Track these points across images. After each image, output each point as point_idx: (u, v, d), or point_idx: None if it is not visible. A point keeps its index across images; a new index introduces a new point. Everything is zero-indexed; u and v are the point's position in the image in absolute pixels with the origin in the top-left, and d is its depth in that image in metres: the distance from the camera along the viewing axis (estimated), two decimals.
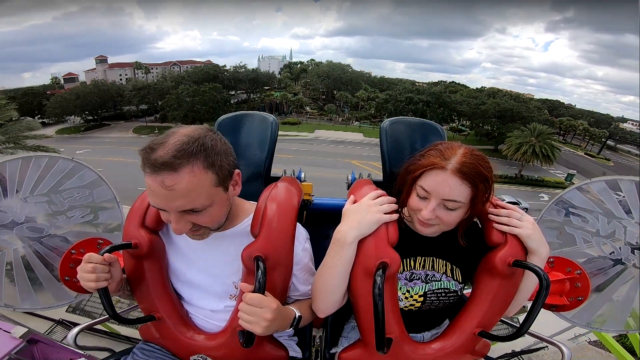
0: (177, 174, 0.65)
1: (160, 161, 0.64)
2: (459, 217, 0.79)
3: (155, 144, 0.67)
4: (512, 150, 26.38)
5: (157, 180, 0.65)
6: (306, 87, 49.85)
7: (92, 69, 48.90)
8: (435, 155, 0.77)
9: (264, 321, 0.70)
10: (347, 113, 44.61)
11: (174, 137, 0.68)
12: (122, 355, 0.98)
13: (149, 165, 0.65)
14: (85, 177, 1.30)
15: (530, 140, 25.64)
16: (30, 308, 1.28)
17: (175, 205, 0.68)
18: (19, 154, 1.23)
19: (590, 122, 45.78)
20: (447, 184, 0.74)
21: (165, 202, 0.68)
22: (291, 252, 0.85)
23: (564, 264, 1.15)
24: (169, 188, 0.65)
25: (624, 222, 1.19)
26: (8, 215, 1.19)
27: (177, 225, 0.72)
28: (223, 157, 0.73)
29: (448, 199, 0.75)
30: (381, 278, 0.71)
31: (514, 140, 26.57)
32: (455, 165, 0.73)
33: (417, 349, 0.86)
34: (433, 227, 0.81)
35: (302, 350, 1.11)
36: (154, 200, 0.70)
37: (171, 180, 0.65)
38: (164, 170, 0.65)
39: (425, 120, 1.21)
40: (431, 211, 0.76)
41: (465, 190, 0.74)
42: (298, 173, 1.31)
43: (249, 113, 1.27)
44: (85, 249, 1.22)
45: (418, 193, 0.79)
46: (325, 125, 41.35)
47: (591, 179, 1.26)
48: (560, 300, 1.12)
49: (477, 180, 0.73)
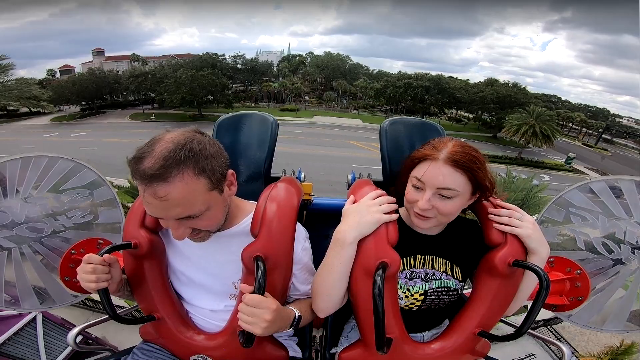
0: (167, 184, 0.63)
1: (149, 173, 0.62)
2: (456, 206, 0.79)
3: (142, 153, 0.65)
4: (512, 131, 26.30)
5: (150, 191, 0.64)
6: (305, 77, 49.75)
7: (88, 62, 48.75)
8: (428, 148, 0.82)
9: (264, 322, 0.70)
10: (346, 102, 44.65)
11: (160, 144, 0.65)
12: (122, 355, 0.98)
13: (139, 177, 0.64)
14: (85, 177, 1.30)
15: (530, 122, 25.58)
16: (30, 308, 1.28)
17: (172, 214, 0.68)
18: (19, 154, 1.22)
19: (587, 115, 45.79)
20: (440, 172, 0.77)
21: (161, 211, 0.67)
22: (291, 252, 0.85)
23: (564, 264, 1.15)
24: (163, 199, 0.64)
25: (624, 222, 1.19)
26: (8, 215, 1.19)
27: (177, 232, 0.72)
28: (214, 160, 0.71)
29: (442, 187, 0.77)
30: (381, 278, 0.71)
31: (514, 122, 26.46)
32: (447, 155, 0.77)
33: (417, 349, 0.86)
34: (430, 221, 0.82)
35: (302, 350, 1.11)
36: (150, 210, 0.69)
37: (163, 191, 0.63)
38: (155, 182, 0.63)
39: (425, 120, 1.21)
40: (427, 201, 0.78)
41: (459, 178, 0.76)
42: (298, 173, 1.31)
43: (249, 113, 1.27)
44: (85, 249, 1.22)
45: (413, 184, 0.82)
46: (324, 112, 41.53)
47: (591, 178, 1.26)
48: (560, 300, 1.12)
49: (471, 166, 0.76)
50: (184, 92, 32.87)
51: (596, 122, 43.07)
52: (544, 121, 25.57)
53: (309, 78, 49.14)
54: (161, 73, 37.82)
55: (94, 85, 36.92)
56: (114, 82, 39.12)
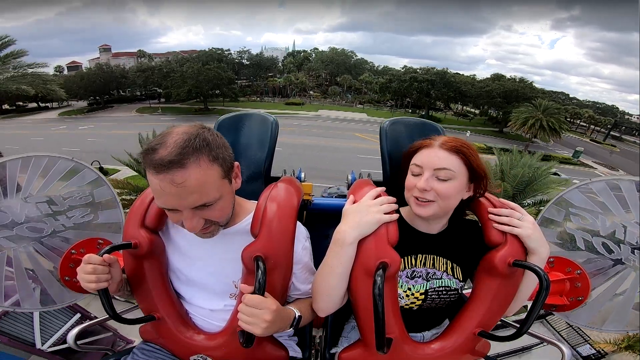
0: (185, 170, 0.65)
1: (167, 159, 0.63)
2: (454, 189, 0.81)
3: (155, 145, 0.66)
4: (519, 124, 25.94)
5: (166, 179, 0.64)
6: (309, 73, 49.76)
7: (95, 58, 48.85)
8: (424, 139, 0.89)
9: (263, 322, 0.70)
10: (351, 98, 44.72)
11: (172, 136, 0.67)
12: (122, 355, 0.98)
13: (153, 166, 0.64)
14: (85, 177, 1.30)
15: (537, 115, 25.22)
16: (30, 308, 1.28)
17: (188, 201, 0.68)
18: (18, 154, 1.22)
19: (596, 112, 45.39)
20: (436, 155, 0.82)
21: (177, 200, 0.67)
22: (291, 252, 0.85)
23: (564, 264, 1.15)
24: (180, 185, 0.65)
25: (624, 222, 1.19)
26: (8, 215, 1.19)
27: (192, 222, 0.71)
28: (223, 150, 0.74)
29: (439, 168, 0.81)
30: (381, 278, 0.71)
31: (520, 115, 26.08)
32: (441, 142, 0.84)
33: (417, 349, 0.86)
34: (430, 206, 0.83)
35: (302, 350, 1.10)
36: (164, 200, 0.68)
37: (181, 177, 0.64)
38: (172, 168, 0.64)
39: (425, 120, 1.21)
40: (425, 180, 0.81)
41: (455, 160, 0.81)
42: (298, 173, 1.31)
43: (249, 113, 1.27)
44: (85, 249, 1.22)
45: (412, 171, 0.87)
46: (329, 106, 41.58)
47: (591, 178, 1.26)
48: (560, 300, 1.12)
49: (464, 149, 0.82)
50: (190, 85, 32.84)
51: (604, 119, 42.46)
52: (551, 114, 25.13)
53: (314, 74, 49.09)
54: (168, 67, 37.80)
55: (101, 80, 36.83)
56: (121, 77, 39.08)
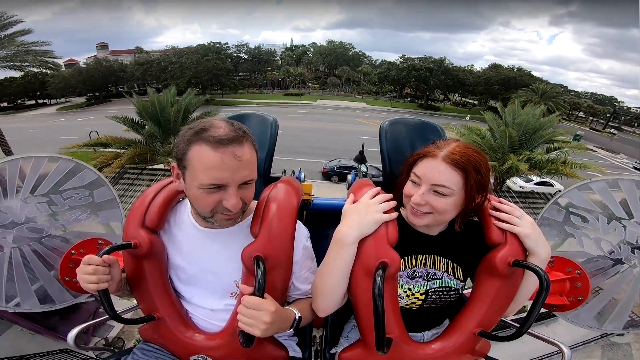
0: (242, 147, 0.73)
1: (228, 136, 0.71)
2: (450, 205, 0.80)
3: (205, 127, 0.73)
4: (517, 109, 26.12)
5: (227, 152, 0.71)
6: (308, 66, 49.74)
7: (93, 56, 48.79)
8: (431, 146, 0.84)
9: (263, 324, 0.71)
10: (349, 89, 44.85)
11: (217, 122, 0.75)
12: (122, 355, 0.98)
13: (216, 141, 0.71)
14: (85, 177, 1.30)
15: (535, 99, 24.94)
16: (30, 308, 1.28)
17: (241, 175, 0.74)
18: (18, 154, 1.22)
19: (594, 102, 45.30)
20: (437, 169, 0.78)
21: (232, 173, 0.73)
22: (291, 252, 0.86)
23: (564, 264, 1.15)
24: (239, 158, 0.72)
25: (624, 222, 1.19)
26: (8, 216, 1.19)
27: (236, 199, 0.75)
28: None
29: (437, 184, 0.78)
30: (381, 278, 0.71)
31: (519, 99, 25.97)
32: (446, 153, 0.78)
33: (417, 349, 0.86)
34: (425, 218, 0.82)
35: (302, 350, 1.10)
36: (218, 174, 0.72)
37: (240, 152, 0.73)
38: (233, 144, 0.72)
39: (425, 120, 1.21)
40: (420, 195, 0.79)
41: (455, 177, 0.77)
42: (298, 173, 1.31)
43: (249, 113, 1.27)
44: (85, 249, 1.22)
45: (412, 179, 0.84)
46: (328, 96, 41.75)
47: (591, 178, 1.26)
48: (561, 300, 1.12)
49: (468, 167, 0.77)
50: (189, 76, 32.85)
51: (604, 108, 42.23)
52: (550, 97, 24.97)
53: (312, 67, 49.09)
54: (166, 61, 37.71)
55: (100, 74, 36.63)
56: (119, 71, 38.90)
